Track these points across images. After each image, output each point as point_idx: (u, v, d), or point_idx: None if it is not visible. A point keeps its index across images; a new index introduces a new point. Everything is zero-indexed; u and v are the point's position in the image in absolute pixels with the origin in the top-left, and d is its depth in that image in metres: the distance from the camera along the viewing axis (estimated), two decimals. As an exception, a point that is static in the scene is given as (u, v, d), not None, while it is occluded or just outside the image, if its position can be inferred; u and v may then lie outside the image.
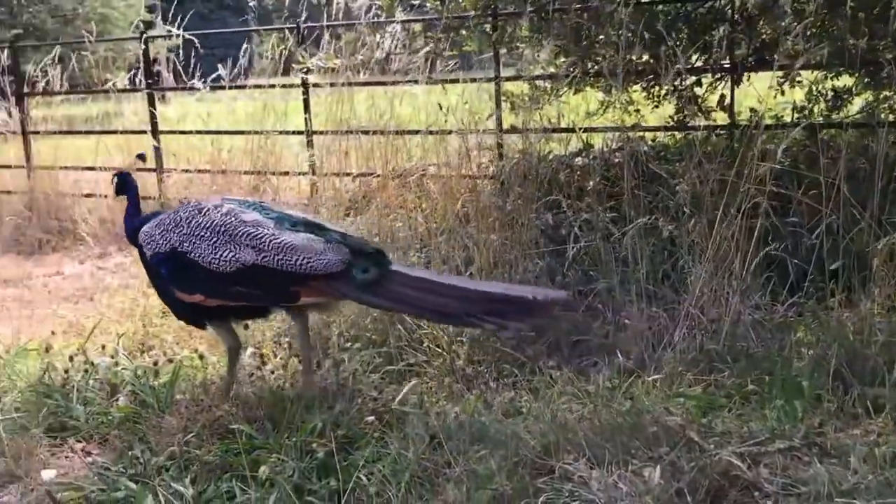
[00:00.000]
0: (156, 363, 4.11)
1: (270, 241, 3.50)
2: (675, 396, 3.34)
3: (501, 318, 3.40)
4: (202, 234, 3.57)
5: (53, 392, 3.88)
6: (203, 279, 3.57)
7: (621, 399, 3.34)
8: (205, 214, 3.63)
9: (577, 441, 2.94)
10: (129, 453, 3.34)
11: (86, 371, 4.07)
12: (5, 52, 8.69)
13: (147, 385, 3.86)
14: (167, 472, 3.18)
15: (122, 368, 4.11)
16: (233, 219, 3.59)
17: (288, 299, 3.62)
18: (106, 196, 7.58)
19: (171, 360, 4.17)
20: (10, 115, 8.52)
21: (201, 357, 4.23)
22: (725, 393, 3.45)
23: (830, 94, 5.12)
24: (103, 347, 4.41)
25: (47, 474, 3.34)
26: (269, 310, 3.85)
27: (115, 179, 4.07)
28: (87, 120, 9.04)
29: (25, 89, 8.58)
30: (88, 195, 7.81)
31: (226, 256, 3.51)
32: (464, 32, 6.21)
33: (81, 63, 8.85)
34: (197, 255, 3.55)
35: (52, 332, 4.83)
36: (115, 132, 8.10)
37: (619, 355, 3.77)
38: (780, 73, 4.88)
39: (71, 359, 4.16)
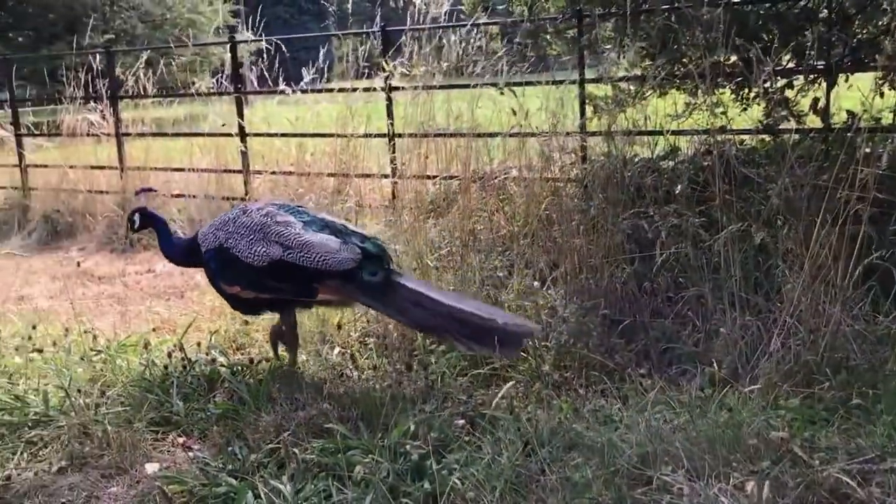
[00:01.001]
0: (251, 360, 4.24)
1: (295, 239, 3.95)
2: (774, 408, 3.25)
3: (473, 342, 3.80)
4: (243, 232, 4.04)
5: (154, 387, 4.04)
6: (242, 273, 4.02)
7: (716, 409, 3.27)
8: (248, 215, 4.10)
9: (674, 452, 2.89)
10: (228, 449, 3.44)
11: (184, 367, 4.22)
12: (97, 56, 9.08)
13: (243, 382, 3.98)
14: (265, 469, 3.26)
15: (220, 365, 4.24)
16: (269, 219, 4.04)
17: (308, 294, 4.05)
18: (195, 196, 7.85)
19: (267, 360, 4.28)
20: (103, 117, 8.88)
21: (294, 354, 4.34)
22: (825, 406, 3.35)
23: (934, 95, 4.90)
24: (199, 345, 4.56)
25: (151, 467, 3.48)
26: (298, 305, 4.20)
27: (137, 216, 4.44)
28: (175, 122, 9.35)
29: (119, 92, 8.93)
30: (178, 195, 8.08)
31: (259, 252, 3.97)
32: (547, 36, 6.18)
33: (169, 66, 9.17)
34: (237, 251, 4.02)
35: (154, 329, 5.01)
36: (203, 135, 8.37)
37: (714, 364, 3.68)
38: (880, 75, 4.69)
39: (169, 355, 4.33)
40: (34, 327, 4.88)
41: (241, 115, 7.90)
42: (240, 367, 4.24)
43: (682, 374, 3.90)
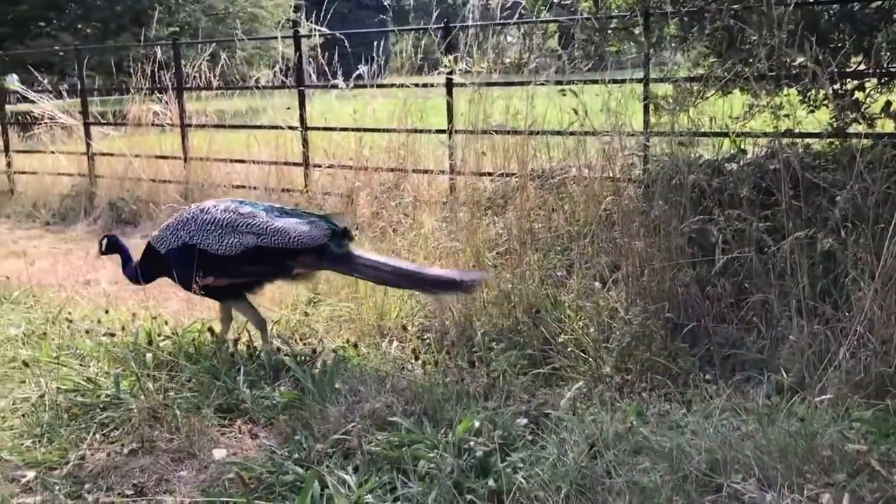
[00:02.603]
0: (314, 351, 4.31)
1: (266, 226, 4.31)
2: (850, 420, 3.18)
3: (428, 289, 4.36)
4: (209, 228, 4.34)
5: (221, 374, 4.13)
6: (213, 264, 4.32)
7: (785, 418, 3.21)
8: (207, 213, 4.40)
9: (744, 460, 2.86)
10: (295, 438, 3.50)
11: (250, 356, 4.31)
12: (158, 48, 9.28)
13: (308, 373, 4.04)
14: (330, 459, 3.31)
15: (284, 354, 4.32)
16: (232, 214, 4.36)
17: (286, 271, 4.44)
18: (255, 188, 7.98)
19: (334, 351, 4.35)
20: (168, 108, 9.09)
21: (355, 346, 4.40)
22: (899, 420, 3.27)
23: None
24: (263, 333, 4.64)
25: (218, 453, 3.55)
26: (264, 283, 4.60)
27: (105, 241, 4.75)
28: (236, 114, 9.52)
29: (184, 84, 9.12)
30: (238, 186, 8.23)
31: (231, 243, 4.29)
32: (610, 33, 6.12)
33: (232, 59, 9.35)
34: (206, 245, 4.32)
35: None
36: (263, 127, 8.50)
37: (783, 372, 3.61)
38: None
39: (235, 343, 4.42)
40: (106, 311, 5.02)
41: (302, 108, 7.98)
42: (303, 357, 4.31)
43: (746, 380, 3.85)
